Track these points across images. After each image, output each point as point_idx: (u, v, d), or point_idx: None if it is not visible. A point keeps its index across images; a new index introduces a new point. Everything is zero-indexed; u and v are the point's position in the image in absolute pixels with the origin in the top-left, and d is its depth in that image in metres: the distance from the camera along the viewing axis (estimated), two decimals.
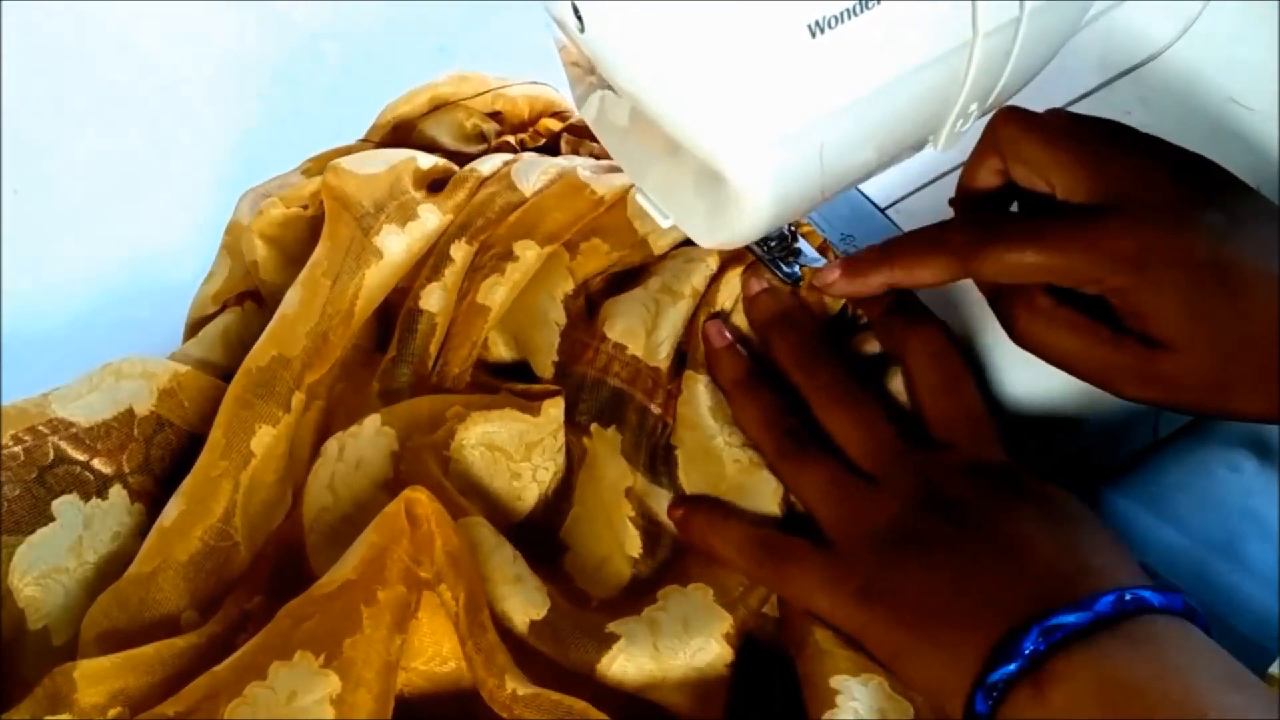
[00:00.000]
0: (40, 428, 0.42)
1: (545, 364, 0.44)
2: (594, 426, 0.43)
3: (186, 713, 0.35)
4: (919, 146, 0.36)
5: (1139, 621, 0.32)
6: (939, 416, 0.40)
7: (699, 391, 0.42)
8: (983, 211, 0.40)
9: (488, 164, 0.48)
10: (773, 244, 0.44)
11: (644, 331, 0.43)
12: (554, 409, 0.43)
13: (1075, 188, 0.36)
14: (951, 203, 0.41)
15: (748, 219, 0.34)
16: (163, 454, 0.43)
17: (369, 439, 0.42)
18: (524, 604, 0.38)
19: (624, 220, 0.45)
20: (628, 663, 0.37)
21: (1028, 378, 0.43)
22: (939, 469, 0.38)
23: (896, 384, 0.42)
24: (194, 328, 0.49)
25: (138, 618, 0.39)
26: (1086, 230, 0.36)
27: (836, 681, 0.36)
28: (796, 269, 0.44)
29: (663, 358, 0.43)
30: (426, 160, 0.48)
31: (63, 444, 0.42)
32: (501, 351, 0.45)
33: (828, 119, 0.31)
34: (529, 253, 0.44)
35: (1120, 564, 0.35)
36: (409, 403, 0.43)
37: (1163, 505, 0.47)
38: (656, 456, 0.42)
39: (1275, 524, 0.46)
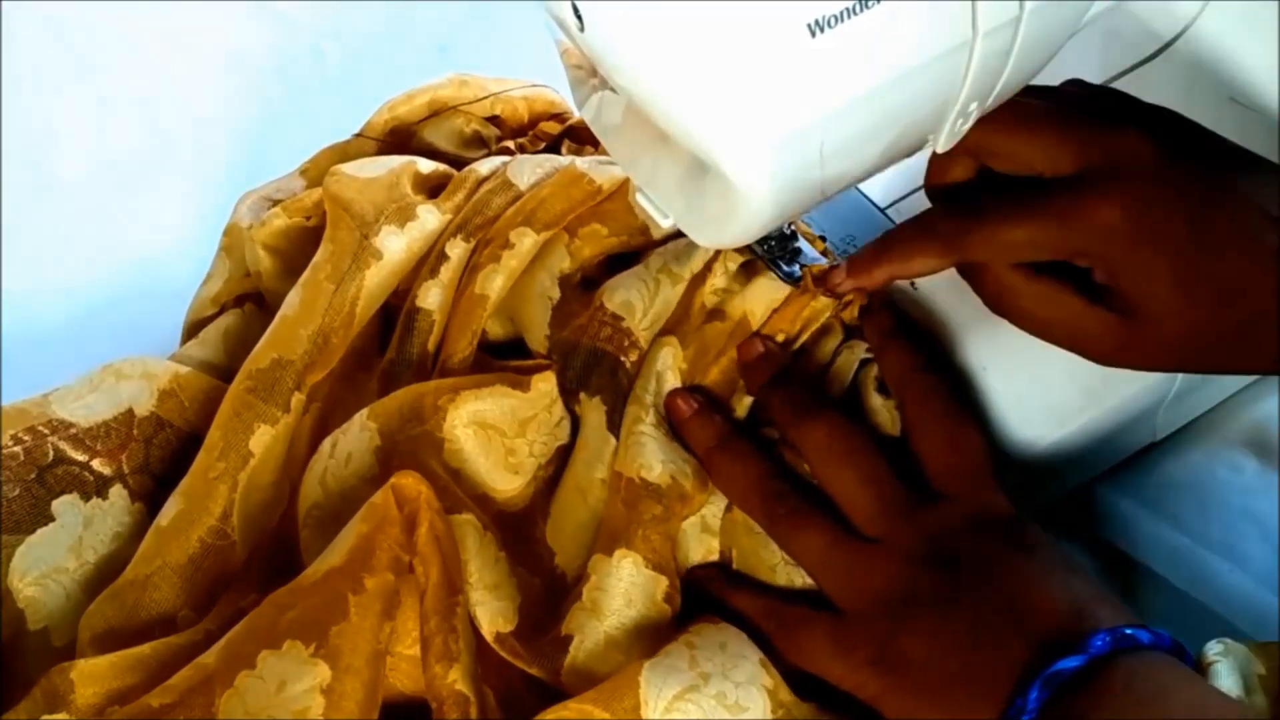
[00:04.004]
0: (40, 428, 0.42)
1: (539, 337, 0.44)
2: (582, 394, 0.43)
3: (173, 704, 0.35)
4: (919, 146, 0.36)
5: (1133, 663, 0.33)
6: (940, 470, 0.39)
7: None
8: (963, 197, 0.40)
9: (486, 165, 0.48)
10: (772, 243, 0.44)
11: (641, 309, 0.43)
12: (544, 384, 0.43)
13: (1056, 163, 0.37)
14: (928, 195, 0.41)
15: (748, 219, 0.34)
16: (162, 454, 0.43)
17: (355, 434, 0.42)
18: (494, 614, 0.38)
19: (625, 206, 0.45)
20: (585, 654, 0.38)
21: (1030, 372, 0.43)
22: (941, 525, 0.37)
23: (874, 401, 0.42)
24: (192, 329, 0.49)
25: (134, 618, 0.39)
26: (1070, 203, 0.36)
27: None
28: (796, 269, 0.44)
29: (644, 329, 0.43)
30: (427, 165, 0.48)
31: (62, 444, 0.42)
32: (495, 329, 0.46)
33: (828, 118, 0.31)
34: (525, 240, 0.44)
35: (1110, 606, 0.35)
36: (391, 395, 0.43)
37: (1163, 505, 0.47)
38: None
39: (1275, 524, 0.46)
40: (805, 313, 0.43)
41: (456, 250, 0.45)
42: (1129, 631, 0.33)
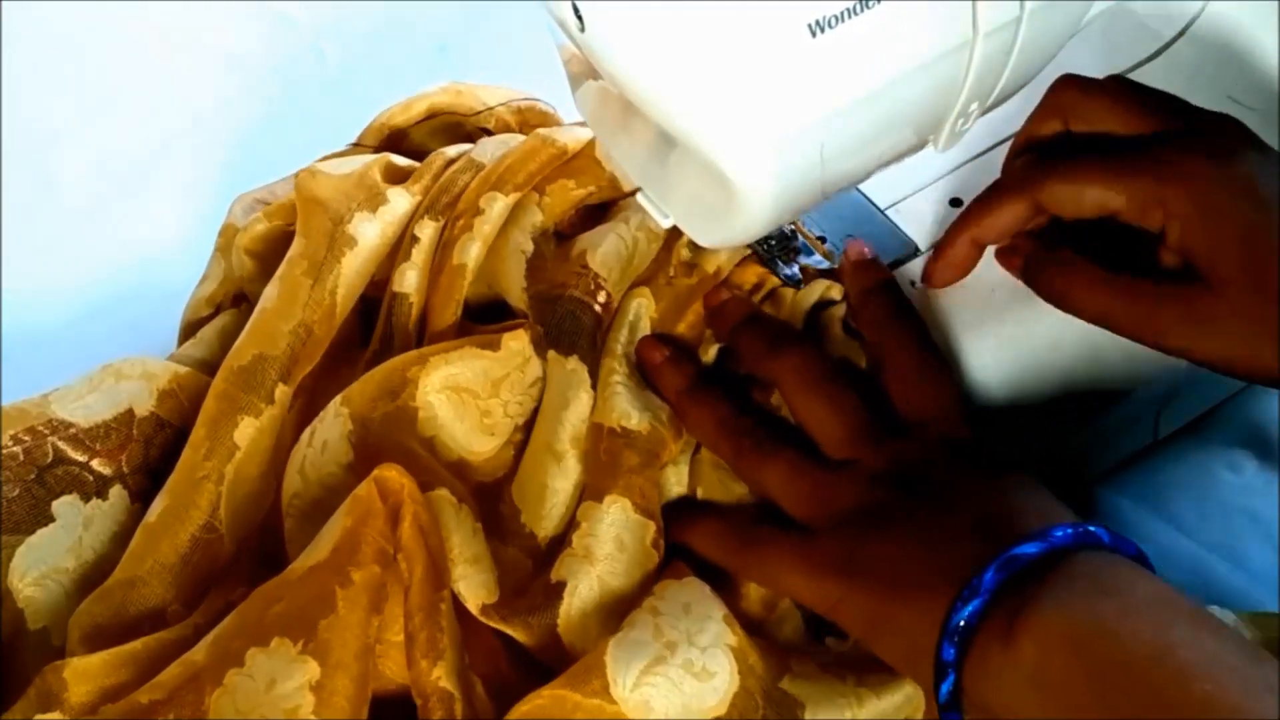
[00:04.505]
0: (40, 428, 0.42)
1: (517, 292, 0.44)
2: (551, 352, 0.43)
3: (163, 700, 0.34)
4: (919, 146, 0.36)
5: (1095, 558, 0.32)
6: (908, 401, 0.39)
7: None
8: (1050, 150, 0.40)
9: (454, 149, 0.49)
10: (773, 243, 0.44)
11: (620, 267, 0.43)
12: (514, 342, 0.42)
13: (1141, 125, 0.37)
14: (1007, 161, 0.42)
15: (748, 219, 0.34)
16: (162, 455, 0.43)
17: (330, 421, 0.42)
18: (477, 587, 0.38)
19: (591, 161, 0.46)
20: (580, 601, 0.38)
21: (1030, 373, 0.43)
22: (907, 450, 0.38)
23: (838, 337, 0.43)
24: (188, 330, 0.49)
25: (122, 615, 0.39)
26: (1155, 156, 0.36)
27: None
28: (796, 269, 0.44)
29: (618, 285, 0.43)
30: (401, 160, 0.48)
31: (62, 444, 0.42)
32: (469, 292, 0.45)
33: (828, 119, 0.31)
34: (496, 204, 0.44)
35: (1072, 516, 0.35)
36: (363, 377, 0.42)
37: (1163, 505, 0.47)
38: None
39: (1275, 524, 0.46)
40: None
41: (426, 231, 0.45)
42: (1092, 529, 0.33)
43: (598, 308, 0.42)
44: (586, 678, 0.36)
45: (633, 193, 0.46)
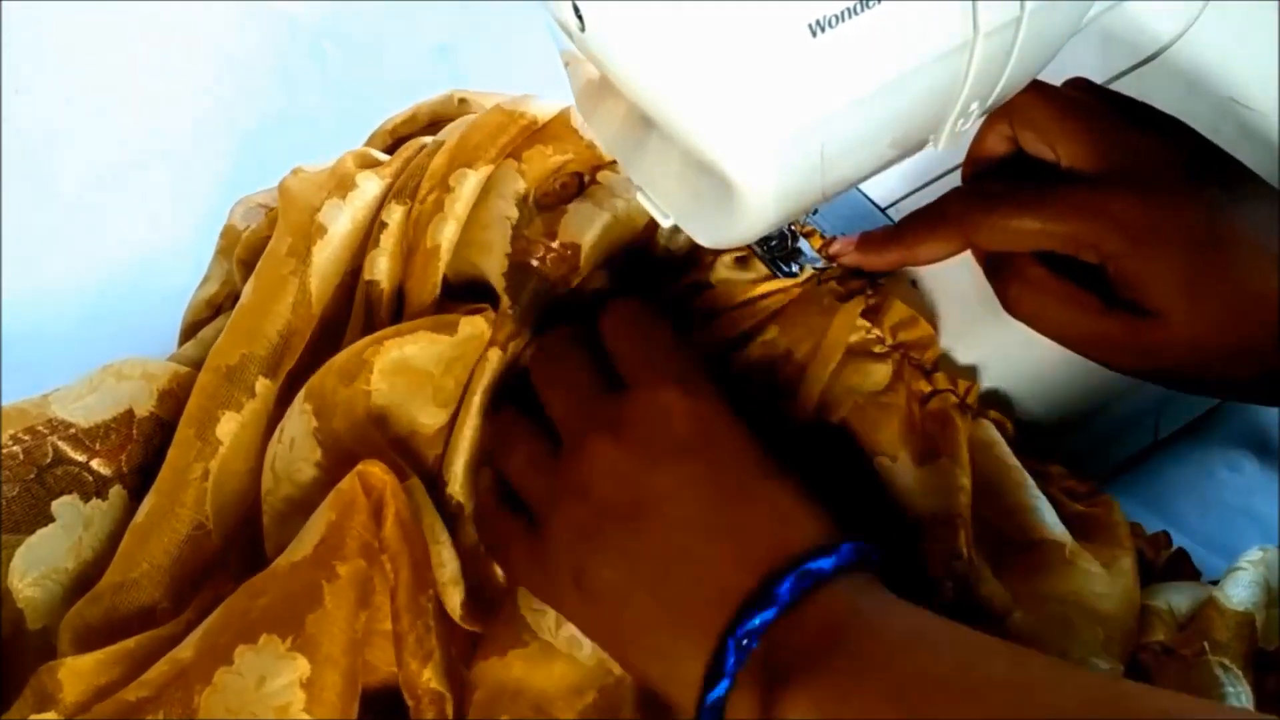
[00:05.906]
0: (39, 428, 0.42)
1: (499, 259, 0.43)
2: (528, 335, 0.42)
3: (151, 698, 0.34)
4: (919, 146, 0.36)
5: (832, 601, 0.32)
6: (619, 356, 0.38)
7: None
8: (986, 181, 0.41)
9: (430, 137, 0.48)
10: (773, 244, 0.44)
11: (600, 247, 0.43)
12: (470, 326, 0.41)
13: (1079, 157, 0.38)
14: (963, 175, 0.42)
15: (748, 219, 0.34)
16: (161, 455, 0.43)
17: (295, 419, 0.41)
18: (458, 608, 0.38)
19: (566, 129, 0.45)
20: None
21: (1029, 373, 0.43)
22: (615, 424, 0.36)
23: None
24: (188, 332, 0.49)
25: (113, 614, 0.39)
26: (1088, 197, 0.37)
27: None
28: (796, 269, 0.44)
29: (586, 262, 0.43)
30: (381, 155, 0.48)
31: (62, 444, 0.42)
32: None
33: (828, 119, 0.31)
34: (467, 181, 0.43)
35: (791, 520, 0.34)
36: (322, 368, 0.41)
37: (1163, 505, 0.47)
38: None
39: (1275, 524, 0.46)
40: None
41: (394, 215, 0.44)
42: (811, 567, 0.32)
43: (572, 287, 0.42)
44: (514, 635, 0.37)
45: (611, 162, 0.45)
